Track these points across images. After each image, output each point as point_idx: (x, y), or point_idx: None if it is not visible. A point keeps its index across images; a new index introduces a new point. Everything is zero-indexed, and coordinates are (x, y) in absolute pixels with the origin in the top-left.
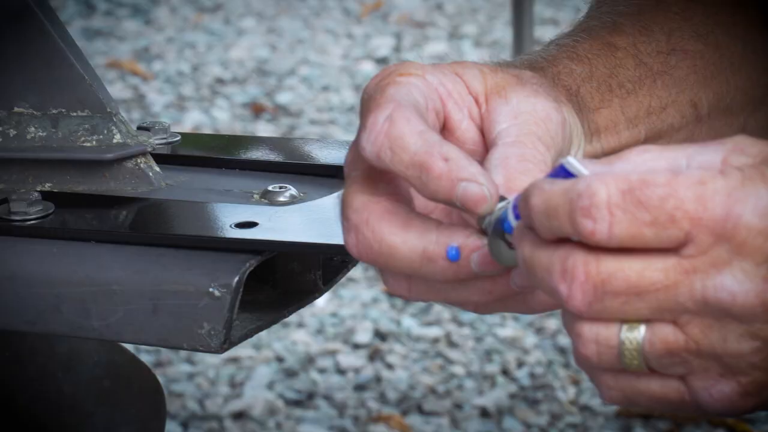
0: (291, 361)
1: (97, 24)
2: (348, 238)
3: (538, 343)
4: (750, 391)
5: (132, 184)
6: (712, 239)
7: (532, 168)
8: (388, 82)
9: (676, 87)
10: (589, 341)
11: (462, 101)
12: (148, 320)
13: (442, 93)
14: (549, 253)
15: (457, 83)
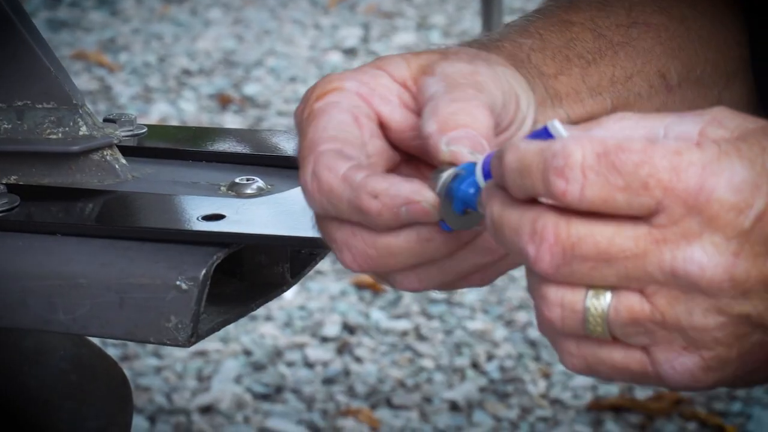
0: (259, 354)
1: (63, 15)
2: (344, 258)
3: (508, 336)
4: (712, 366)
5: (98, 176)
6: (683, 210)
7: (464, 105)
8: (308, 114)
9: (641, 58)
10: (554, 304)
11: (389, 92)
12: (114, 314)
13: (364, 94)
14: (519, 214)
15: (380, 77)
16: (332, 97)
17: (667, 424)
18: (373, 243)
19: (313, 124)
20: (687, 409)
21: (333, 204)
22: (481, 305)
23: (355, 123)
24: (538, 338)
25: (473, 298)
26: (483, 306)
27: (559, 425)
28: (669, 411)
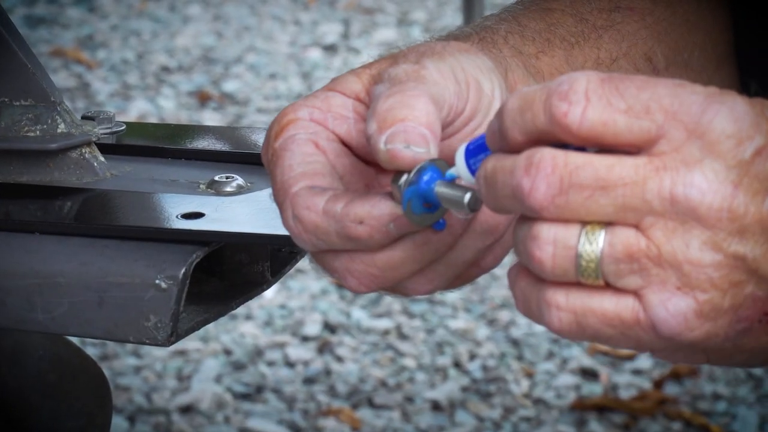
0: (239, 353)
1: (40, 11)
2: (349, 284)
3: (491, 335)
4: (705, 311)
5: (77, 174)
6: (684, 135)
7: (401, 98)
8: (272, 155)
9: (626, 41)
10: (546, 242)
11: (344, 110)
12: (93, 313)
13: (318, 118)
14: (513, 158)
15: (332, 97)
16: (289, 131)
17: (651, 424)
18: (373, 262)
19: (278, 165)
20: (672, 408)
21: (323, 240)
22: (463, 304)
23: (317, 150)
24: (521, 337)
25: (455, 297)
26: (465, 305)
27: (543, 425)
28: (653, 411)
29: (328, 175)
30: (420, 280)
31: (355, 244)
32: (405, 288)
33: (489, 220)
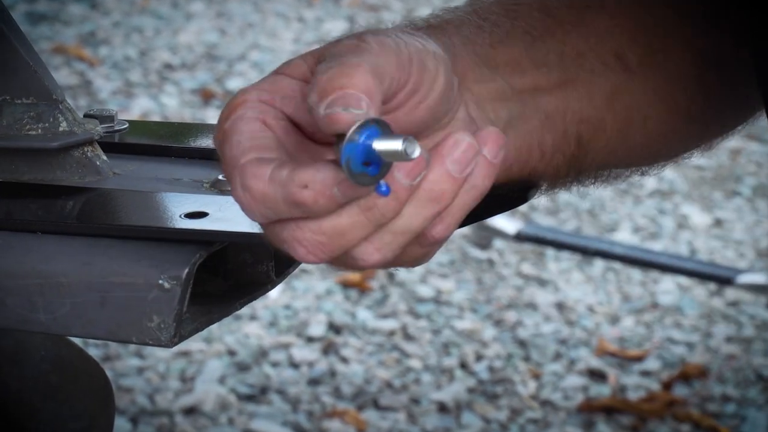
0: (243, 354)
1: (42, 8)
2: (298, 253)
3: (497, 336)
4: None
5: (79, 173)
6: None
7: (341, 69)
8: (221, 136)
9: (594, 37)
10: None
11: (291, 91)
12: (96, 313)
13: (266, 99)
14: None
15: (279, 80)
16: (238, 112)
17: (660, 425)
18: (320, 229)
19: (227, 143)
20: (680, 410)
21: (270, 208)
22: (470, 304)
23: (265, 127)
24: (528, 338)
25: (461, 297)
26: (471, 305)
27: (550, 427)
28: (662, 412)
29: (276, 149)
30: (368, 249)
31: (301, 210)
32: (354, 258)
33: (434, 188)
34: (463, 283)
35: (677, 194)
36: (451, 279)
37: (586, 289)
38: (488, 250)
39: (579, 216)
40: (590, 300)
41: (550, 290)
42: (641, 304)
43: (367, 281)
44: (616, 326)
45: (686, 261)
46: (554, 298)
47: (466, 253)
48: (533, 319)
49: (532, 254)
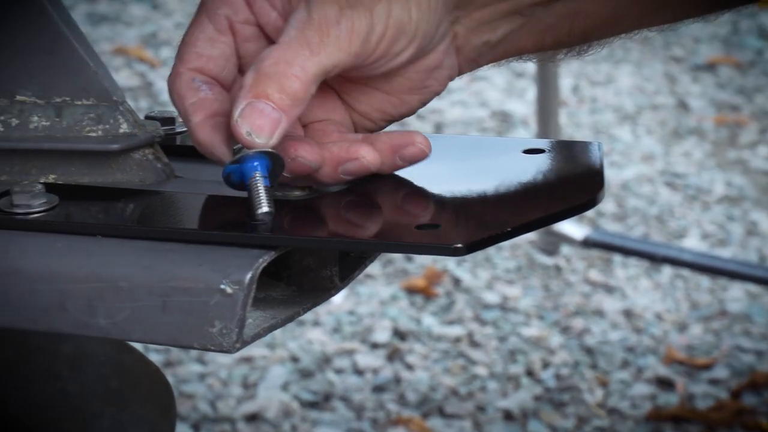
0: (306, 361)
1: (103, 9)
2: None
3: (564, 343)
4: None
5: (139, 176)
6: None
7: (288, 56)
8: (196, 14)
9: None
10: None
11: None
12: (156, 318)
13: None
14: None
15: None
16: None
17: None
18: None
19: (190, 29)
20: (749, 419)
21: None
22: (537, 311)
23: (228, 31)
24: (595, 345)
25: (528, 304)
26: (538, 312)
27: None
28: (730, 421)
29: (222, 63)
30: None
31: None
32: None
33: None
34: (530, 290)
35: (746, 200)
36: (518, 285)
37: (654, 297)
38: (555, 256)
39: (647, 222)
40: (658, 307)
41: (618, 297)
42: (710, 312)
43: (433, 287)
44: (684, 334)
45: (755, 268)
46: (622, 306)
47: (533, 260)
48: (600, 327)
49: (600, 261)
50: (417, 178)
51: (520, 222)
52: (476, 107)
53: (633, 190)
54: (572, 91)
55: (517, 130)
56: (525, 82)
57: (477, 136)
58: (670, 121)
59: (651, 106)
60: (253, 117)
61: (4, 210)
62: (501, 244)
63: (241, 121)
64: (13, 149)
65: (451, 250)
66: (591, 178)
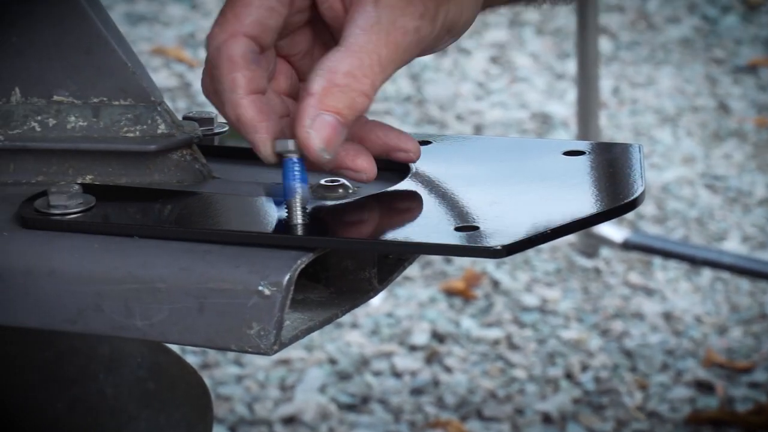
0: (344, 363)
1: (141, 9)
2: None
3: (604, 346)
4: None
5: (177, 176)
6: None
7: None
8: None
9: None
10: None
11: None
12: (194, 320)
13: None
14: None
15: None
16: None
17: None
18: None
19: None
20: None
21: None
22: (576, 314)
23: (288, 1)
24: (635, 348)
25: (567, 306)
26: (578, 314)
27: None
28: None
29: (274, 34)
30: None
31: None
32: None
33: None
34: (569, 292)
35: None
36: (557, 288)
37: (694, 299)
38: (595, 258)
39: (687, 225)
40: (698, 310)
41: (658, 300)
42: (750, 315)
43: (472, 289)
44: (724, 337)
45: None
46: (661, 308)
47: (572, 262)
48: (640, 329)
49: (639, 263)
50: (456, 179)
51: (560, 224)
52: (516, 109)
53: (673, 192)
54: (612, 92)
55: (557, 132)
56: (565, 83)
57: (517, 137)
58: (711, 123)
59: (691, 108)
60: (324, 131)
61: (41, 210)
62: (540, 247)
63: (314, 135)
64: (50, 150)
65: (491, 252)
66: (631, 180)
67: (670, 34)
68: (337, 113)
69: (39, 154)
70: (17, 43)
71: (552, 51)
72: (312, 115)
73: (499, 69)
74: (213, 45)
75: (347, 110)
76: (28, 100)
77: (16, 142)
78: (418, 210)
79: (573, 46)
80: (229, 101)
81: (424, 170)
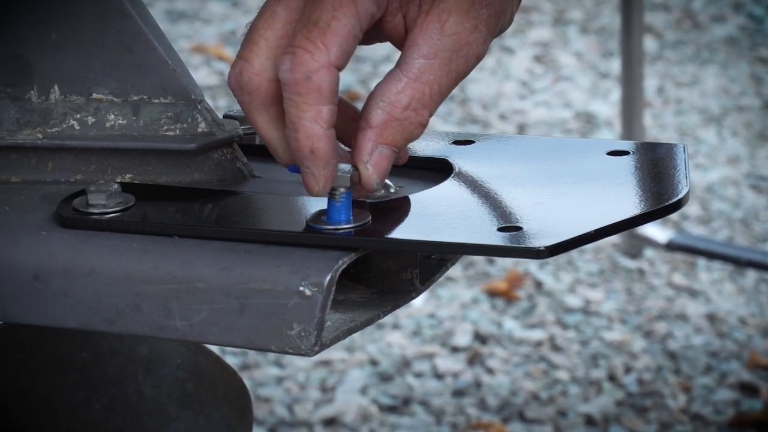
0: (386, 364)
1: (182, 6)
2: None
3: (647, 348)
4: None
5: (217, 175)
6: None
7: None
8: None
9: None
10: None
11: None
12: (234, 320)
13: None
14: None
15: None
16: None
17: None
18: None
19: (338, 17)
20: None
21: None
22: (619, 315)
23: (366, 29)
24: (679, 350)
25: (611, 308)
26: (621, 316)
27: None
28: None
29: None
30: None
31: None
32: None
33: None
34: (613, 293)
35: None
36: (600, 289)
37: (738, 301)
38: (638, 259)
39: (731, 225)
40: (742, 312)
41: (702, 301)
42: None
43: (515, 290)
44: None
45: None
46: (705, 310)
47: (615, 263)
48: (684, 331)
49: (684, 264)
50: (499, 179)
51: (604, 225)
52: (560, 108)
53: (718, 192)
54: (657, 92)
55: (601, 132)
56: (609, 83)
57: (560, 137)
58: (756, 123)
59: (737, 107)
60: (381, 165)
61: (79, 210)
62: (584, 247)
63: (372, 170)
64: (89, 148)
65: (534, 252)
66: (675, 180)
67: (715, 33)
68: (393, 145)
69: (78, 152)
70: (57, 41)
71: (596, 50)
72: (370, 149)
73: (543, 68)
74: (300, 73)
75: (404, 141)
76: (67, 98)
77: (54, 141)
78: (460, 210)
79: (617, 45)
80: (306, 131)
81: (467, 170)
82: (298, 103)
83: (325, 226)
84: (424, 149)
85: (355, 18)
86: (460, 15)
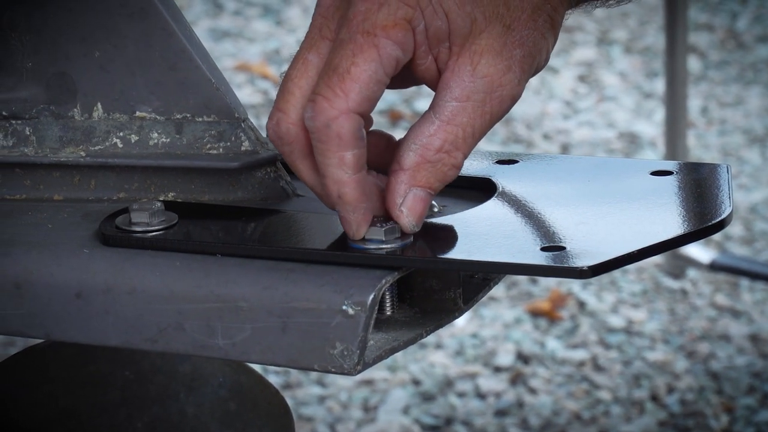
0: (428, 384)
1: (225, 24)
2: None
3: (690, 368)
4: None
5: (261, 194)
6: None
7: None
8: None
9: None
10: None
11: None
12: (276, 339)
13: (419, 40)
14: None
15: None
16: (397, 34)
17: None
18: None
19: (358, 63)
20: None
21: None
22: (662, 335)
23: (392, 74)
24: (721, 371)
25: (653, 328)
26: (663, 336)
27: None
28: None
29: (376, 102)
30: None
31: None
32: None
33: None
34: (656, 314)
35: None
36: (643, 309)
37: None
38: (681, 279)
39: None
40: None
41: (744, 322)
42: None
43: (557, 310)
44: None
45: None
46: (748, 330)
47: (658, 283)
48: (726, 351)
49: (727, 284)
50: (542, 199)
51: (646, 245)
52: (603, 128)
53: (761, 213)
54: (701, 112)
55: (644, 152)
56: (653, 103)
57: (604, 157)
58: None
59: None
60: (416, 208)
61: (122, 228)
62: (626, 267)
63: (407, 212)
64: (132, 166)
65: (577, 272)
66: (719, 200)
67: (759, 53)
68: (428, 188)
69: (120, 170)
70: (100, 58)
71: (640, 70)
72: (403, 192)
73: (587, 88)
74: (320, 120)
75: (438, 183)
76: (110, 115)
77: (97, 159)
78: (504, 230)
79: (661, 65)
80: (333, 177)
81: (510, 189)
82: (322, 150)
83: (367, 245)
84: (468, 169)
85: (376, 63)
86: (492, 56)
